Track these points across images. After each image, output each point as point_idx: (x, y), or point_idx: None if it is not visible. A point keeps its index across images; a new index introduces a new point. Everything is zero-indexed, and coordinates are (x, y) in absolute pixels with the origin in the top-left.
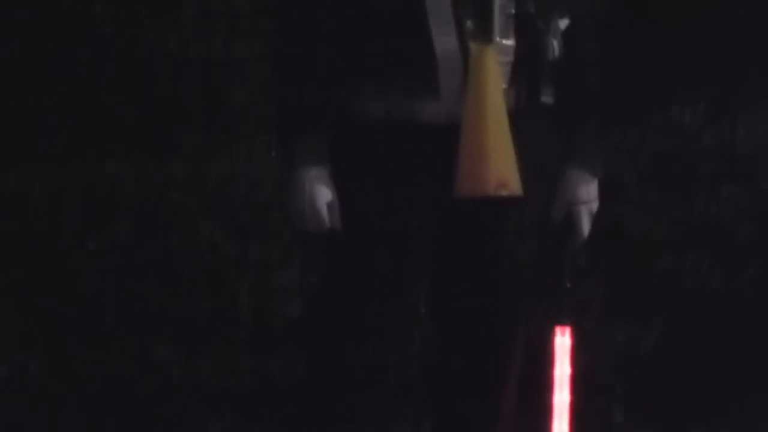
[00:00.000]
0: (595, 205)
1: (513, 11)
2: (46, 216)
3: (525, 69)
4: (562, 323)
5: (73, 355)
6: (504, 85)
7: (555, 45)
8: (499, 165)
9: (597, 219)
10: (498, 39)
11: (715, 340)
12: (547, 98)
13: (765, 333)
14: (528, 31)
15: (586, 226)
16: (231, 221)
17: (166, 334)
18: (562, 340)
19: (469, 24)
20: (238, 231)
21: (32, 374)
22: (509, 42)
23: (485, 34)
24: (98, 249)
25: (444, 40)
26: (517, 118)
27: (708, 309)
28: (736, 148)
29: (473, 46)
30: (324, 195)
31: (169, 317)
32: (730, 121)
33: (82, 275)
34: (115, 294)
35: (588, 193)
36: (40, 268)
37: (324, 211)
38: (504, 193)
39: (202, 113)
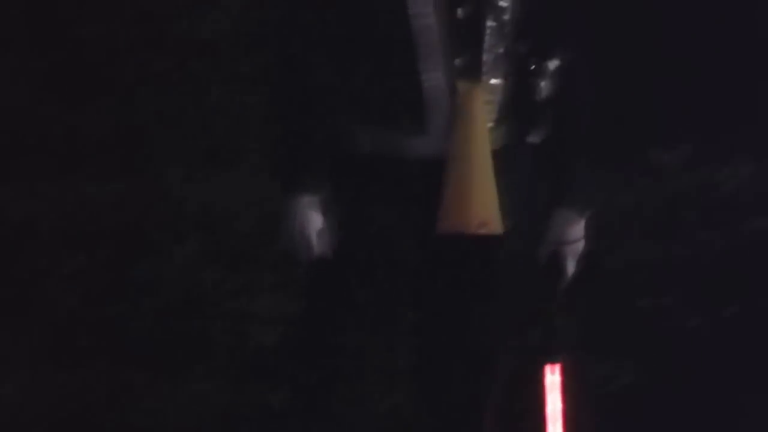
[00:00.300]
0: (581, 245)
1: (502, 50)
2: (22, 238)
3: (512, 108)
4: (551, 360)
5: (47, 379)
6: (490, 124)
7: (543, 85)
8: (481, 203)
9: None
10: (486, 78)
11: (691, 380)
12: (534, 138)
13: (742, 373)
14: (517, 71)
15: (571, 266)
16: (210, 246)
17: (142, 360)
18: (552, 378)
19: (457, 62)
20: (217, 256)
21: (5, 397)
22: (497, 81)
23: (473, 73)
24: (75, 272)
25: (432, 77)
26: (502, 157)
27: (685, 349)
28: (717, 190)
29: (461, 84)
30: (315, 222)
31: (145, 342)
32: (711, 163)
33: (58, 298)
34: (91, 318)
35: (575, 233)
36: (16, 290)
37: (314, 238)
38: (485, 231)
39: (185, 138)
